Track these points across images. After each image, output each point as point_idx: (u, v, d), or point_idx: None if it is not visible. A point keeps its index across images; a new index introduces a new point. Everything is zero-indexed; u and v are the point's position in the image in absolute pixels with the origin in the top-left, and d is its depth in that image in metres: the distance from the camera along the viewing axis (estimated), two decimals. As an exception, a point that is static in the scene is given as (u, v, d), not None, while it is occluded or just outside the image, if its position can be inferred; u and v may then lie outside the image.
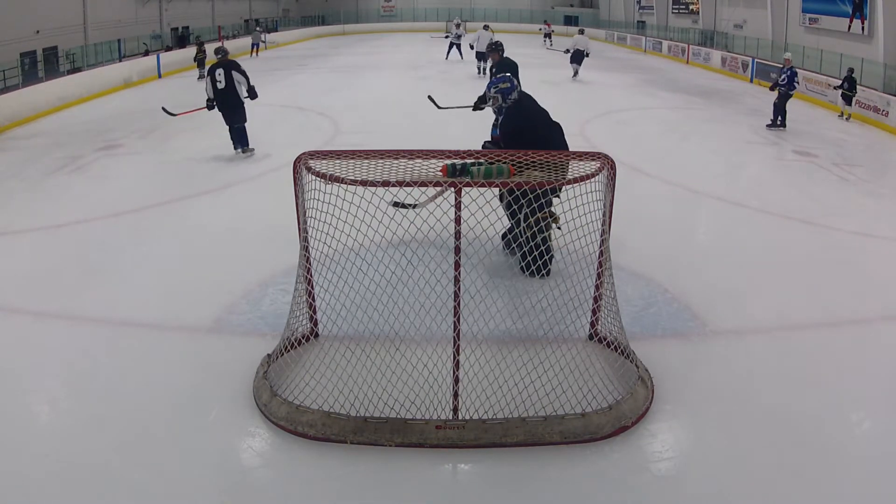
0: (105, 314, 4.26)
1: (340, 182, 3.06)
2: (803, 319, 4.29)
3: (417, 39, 30.47)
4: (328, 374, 3.28)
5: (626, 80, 16.83)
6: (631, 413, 3.17)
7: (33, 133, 10.53)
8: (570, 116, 11.17)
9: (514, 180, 3.08)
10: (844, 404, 3.45)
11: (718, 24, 23.83)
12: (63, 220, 6.08)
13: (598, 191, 3.33)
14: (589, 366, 3.36)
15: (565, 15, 37.43)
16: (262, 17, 34.04)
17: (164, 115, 9.02)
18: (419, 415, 3.08)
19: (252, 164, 7.91)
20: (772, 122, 10.94)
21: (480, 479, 2.90)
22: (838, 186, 7.60)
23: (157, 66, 17.39)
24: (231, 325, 4.11)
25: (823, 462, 2.99)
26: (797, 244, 5.68)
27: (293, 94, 13.53)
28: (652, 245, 5.39)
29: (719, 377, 3.63)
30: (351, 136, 9.31)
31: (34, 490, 2.77)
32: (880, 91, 12.25)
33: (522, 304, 3.86)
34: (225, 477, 2.88)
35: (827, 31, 17.05)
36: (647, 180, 7.37)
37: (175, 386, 3.48)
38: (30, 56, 17.04)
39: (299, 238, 3.53)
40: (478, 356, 3.32)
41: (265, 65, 20.20)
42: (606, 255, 3.45)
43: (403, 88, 14.58)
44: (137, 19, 23.50)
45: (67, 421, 3.23)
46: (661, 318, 4.24)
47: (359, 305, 3.61)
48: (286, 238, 4.43)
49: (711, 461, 2.98)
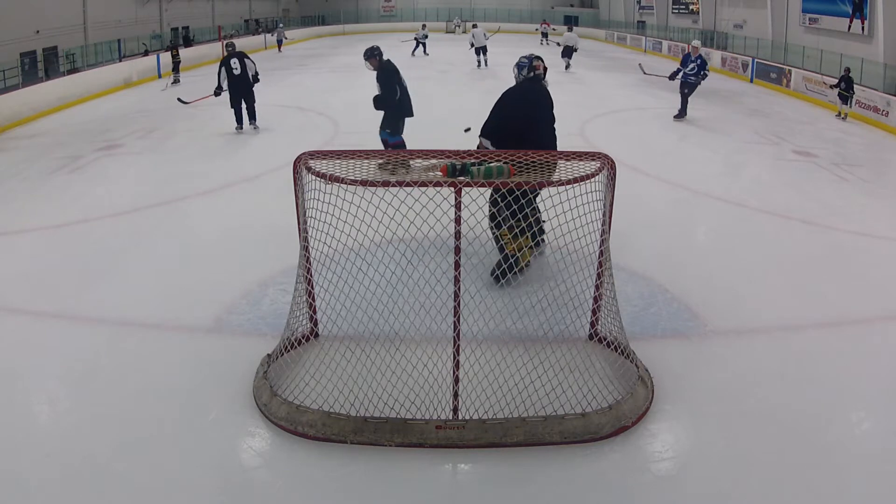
0: (105, 314, 4.26)
1: (340, 182, 3.06)
2: (803, 319, 4.29)
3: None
4: (328, 374, 3.28)
5: (626, 80, 16.83)
6: (631, 413, 3.17)
7: (33, 133, 10.52)
8: (570, 116, 11.20)
9: (515, 180, 3.08)
10: (844, 404, 3.45)
11: (718, 24, 23.83)
12: (63, 220, 6.08)
13: (598, 191, 3.33)
14: (589, 366, 3.36)
15: (565, 15, 37.40)
16: (262, 17, 34.04)
17: (164, 115, 9.07)
18: (419, 415, 3.08)
19: (252, 164, 7.91)
20: (679, 114, 10.97)
21: (480, 479, 2.90)
22: (838, 186, 7.60)
23: (157, 66, 17.39)
24: (231, 325, 4.11)
25: (823, 462, 2.99)
26: (797, 244, 5.68)
27: (293, 94, 13.54)
28: (652, 245, 5.39)
29: (719, 377, 3.62)
30: (351, 136, 9.30)
31: (34, 490, 2.77)
32: (880, 91, 12.25)
33: (522, 304, 3.86)
34: (225, 477, 2.88)
35: (827, 31, 17.05)
36: (647, 180, 7.37)
37: (175, 386, 3.48)
38: (30, 56, 17.04)
39: (299, 238, 3.53)
40: (478, 356, 3.32)
41: (265, 65, 20.18)
42: (606, 255, 3.45)
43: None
44: (137, 19, 23.50)
45: (67, 421, 3.23)
46: (661, 318, 4.24)
47: (359, 305, 3.60)
48: (286, 238, 4.43)
49: (711, 461, 2.98)
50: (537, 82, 4.74)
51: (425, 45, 22.07)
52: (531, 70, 4.73)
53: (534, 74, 4.74)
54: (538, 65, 4.78)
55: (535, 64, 4.75)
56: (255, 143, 9.18)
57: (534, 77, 4.74)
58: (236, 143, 9.28)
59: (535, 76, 4.74)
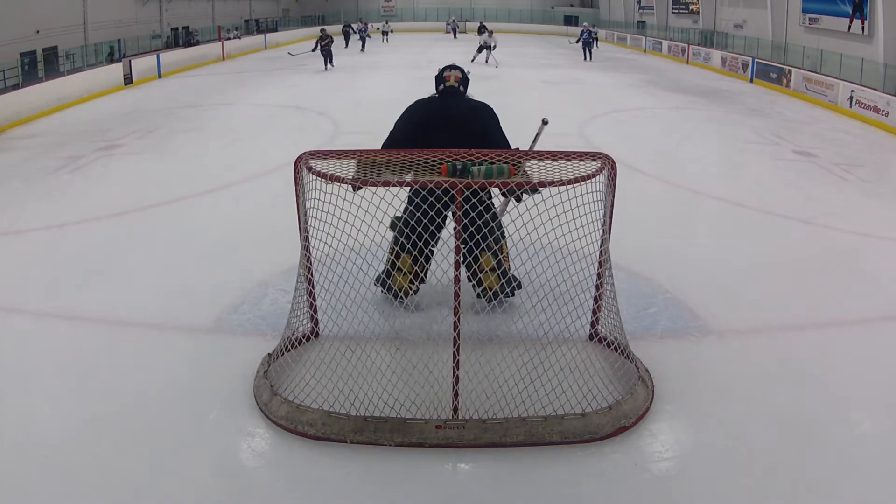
0: (105, 314, 4.26)
1: (341, 182, 3.06)
2: (803, 319, 4.29)
3: (417, 39, 30.49)
4: (328, 374, 3.28)
5: (626, 80, 16.83)
6: (631, 413, 3.17)
7: (33, 133, 10.52)
8: (570, 116, 11.22)
9: (515, 180, 3.08)
10: (844, 404, 3.45)
11: (718, 24, 23.83)
12: (63, 220, 6.08)
13: (598, 191, 3.33)
14: (589, 366, 3.36)
15: (565, 15, 37.44)
16: (262, 17, 34.05)
17: (164, 115, 9.06)
18: (419, 414, 3.08)
19: (252, 164, 7.91)
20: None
21: (480, 479, 2.90)
22: (838, 186, 7.60)
23: (157, 66, 17.39)
24: (231, 325, 4.11)
25: (823, 462, 2.99)
26: (797, 244, 5.68)
27: (293, 94, 13.55)
28: (652, 245, 5.38)
29: (719, 377, 3.62)
30: (351, 136, 9.31)
31: (34, 490, 2.76)
32: (880, 91, 12.25)
33: (522, 304, 3.86)
34: (225, 476, 2.88)
35: (827, 31, 17.05)
36: (647, 180, 7.37)
37: (175, 386, 3.47)
38: (30, 56, 17.02)
39: (300, 238, 3.53)
40: (478, 356, 3.32)
41: (265, 64, 20.22)
42: (606, 256, 3.45)
43: (404, 88, 14.58)
44: (137, 19, 23.49)
45: (67, 421, 3.22)
46: (661, 318, 4.24)
47: (359, 305, 3.61)
48: (286, 238, 4.43)
49: (711, 461, 2.98)
50: (451, 98, 3.99)
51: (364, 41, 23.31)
52: (441, 82, 4.02)
53: (444, 87, 4.00)
54: (448, 76, 4.02)
55: (446, 75, 4.02)
56: (256, 143, 9.19)
57: (445, 91, 4.00)
58: (236, 144, 9.29)
59: (446, 89, 4.00)
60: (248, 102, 12.72)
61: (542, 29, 36.36)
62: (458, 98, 4.01)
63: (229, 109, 11.17)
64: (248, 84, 15.72)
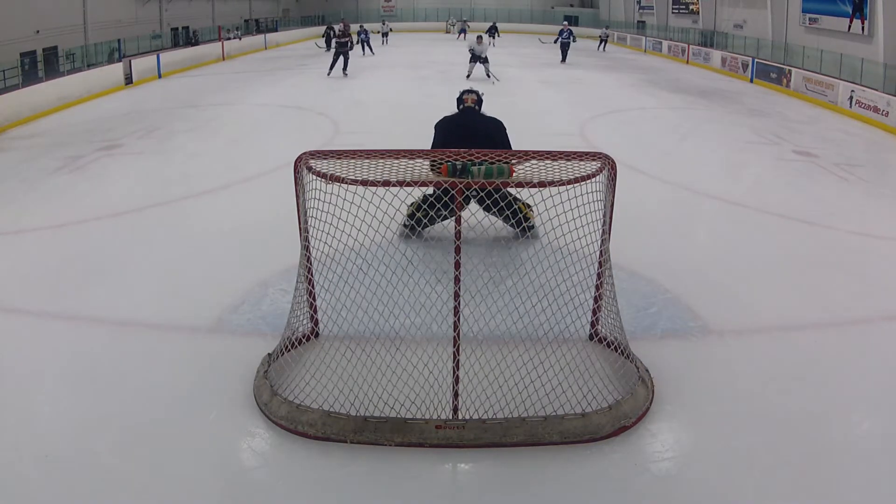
0: (105, 314, 4.26)
1: (341, 182, 3.06)
2: (803, 319, 4.29)
3: (417, 39, 30.50)
4: (328, 374, 3.28)
5: (626, 80, 16.83)
6: (631, 413, 3.17)
7: (33, 133, 10.52)
8: (570, 116, 11.23)
9: (515, 180, 3.08)
10: (844, 404, 3.45)
11: (718, 24, 23.83)
12: (63, 220, 6.08)
13: (598, 191, 3.33)
14: (589, 366, 3.36)
15: (565, 15, 37.41)
16: (262, 17, 34.04)
17: (164, 115, 9.06)
18: (419, 414, 3.08)
19: (252, 164, 7.91)
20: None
21: (480, 479, 2.90)
22: (838, 186, 7.60)
23: (157, 66, 17.39)
24: (231, 325, 4.12)
25: (823, 462, 2.99)
26: (797, 244, 5.68)
27: (293, 94, 13.54)
28: (652, 245, 5.39)
29: (719, 377, 3.63)
30: (351, 136, 9.31)
31: (34, 490, 2.77)
32: (880, 91, 12.25)
33: (522, 304, 3.86)
34: (225, 477, 2.88)
35: (827, 31, 17.04)
36: (647, 180, 7.37)
37: (175, 386, 3.48)
38: (30, 56, 17.01)
39: (300, 238, 3.53)
40: (478, 356, 3.32)
41: (266, 65, 20.22)
42: (606, 256, 3.46)
43: (403, 88, 14.60)
44: (137, 19, 23.48)
45: (67, 421, 3.23)
46: (661, 318, 4.24)
47: (359, 305, 3.61)
48: (286, 238, 4.43)
49: (711, 461, 2.98)
50: (469, 114, 5.30)
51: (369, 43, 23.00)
52: (461, 103, 5.44)
53: (464, 107, 5.36)
54: (467, 98, 5.43)
55: (465, 98, 5.46)
56: (255, 143, 9.18)
57: (464, 109, 5.35)
58: (236, 144, 9.28)
59: (465, 108, 5.36)
60: (248, 102, 12.71)
61: (543, 29, 36.30)
62: (475, 114, 5.33)
63: (229, 109, 11.15)
64: (248, 84, 15.71)
